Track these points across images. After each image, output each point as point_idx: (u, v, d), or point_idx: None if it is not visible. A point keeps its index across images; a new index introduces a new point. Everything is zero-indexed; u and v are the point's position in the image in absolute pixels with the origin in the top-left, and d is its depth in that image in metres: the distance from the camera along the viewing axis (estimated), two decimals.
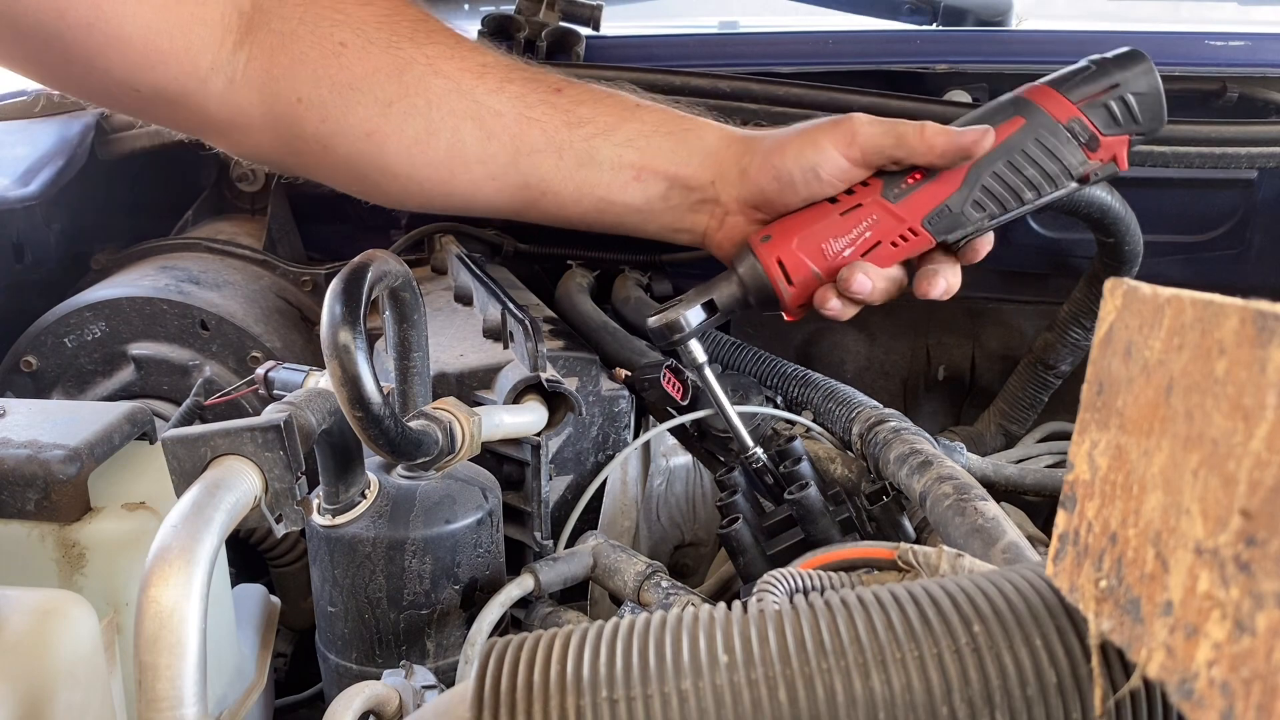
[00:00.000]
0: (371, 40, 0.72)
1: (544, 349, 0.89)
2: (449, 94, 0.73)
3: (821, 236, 0.74)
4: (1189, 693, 0.27)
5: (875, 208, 0.74)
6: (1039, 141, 0.73)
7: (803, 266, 0.75)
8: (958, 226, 0.74)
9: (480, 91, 0.74)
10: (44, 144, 1.28)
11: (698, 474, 1.08)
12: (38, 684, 0.53)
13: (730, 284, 0.76)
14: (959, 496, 0.73)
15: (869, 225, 0.74)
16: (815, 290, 0.75)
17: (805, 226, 0.75)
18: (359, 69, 0.71)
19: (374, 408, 0.62)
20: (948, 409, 1.46)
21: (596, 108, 0.77)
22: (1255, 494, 0.25)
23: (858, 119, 0.74)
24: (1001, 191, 0.74)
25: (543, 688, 0.37)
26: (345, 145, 0.73)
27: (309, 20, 0.71)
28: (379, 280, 0.68)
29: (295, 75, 0.71)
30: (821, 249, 0.74)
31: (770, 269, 0.75)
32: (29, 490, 0.71)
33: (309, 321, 1.29)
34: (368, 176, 0.76)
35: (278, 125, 0.73)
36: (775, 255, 0.75)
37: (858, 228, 0.74)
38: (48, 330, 1.17)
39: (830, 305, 0.74)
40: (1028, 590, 0.37)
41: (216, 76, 0.70)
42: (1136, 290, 0.32)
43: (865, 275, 0.72)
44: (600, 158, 0.76)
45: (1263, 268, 1.33)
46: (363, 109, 0.72)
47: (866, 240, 0.74)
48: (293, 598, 1.16)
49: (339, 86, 0.71)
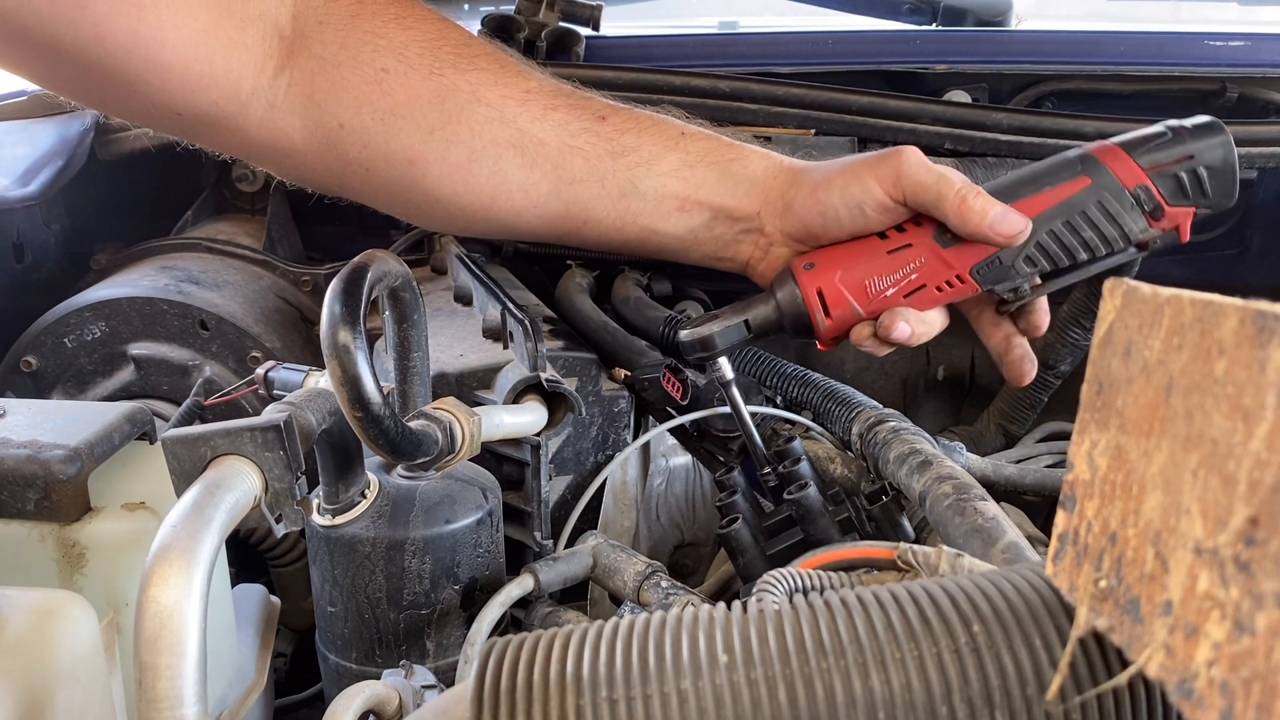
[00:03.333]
0: (413, 66, 0.71)
1: (544, 349, 0.89)
2: (491, 122, 0.73)
3: (866, 273, 0.73)
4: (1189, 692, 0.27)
5: (924, 251, 0.72)
6: (1101, 205, 0.71)
7: (843, 301, 0.73)
8: (1006, 279, 0.72)
9: (523, 119, 0.74)
10: (44, 144, 1.28)
11: (698, 474, 1.08)
12: (38, 684, 0.53)
13: (767, 307, 0.75)
14: (959, 496, 0.73)
15: (916, 268, 0.72)
16: (853, 326, 0.74)
17: (850, 260, 0.73)
18: (401, 95, 0.71)
19: (374, 408, 0.62)
20: (948, 409, 1.46)
21: (641, 136, 0.76)
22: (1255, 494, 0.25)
23: (907, 158, 0.72)
24: (1056, 250, 0.72)
25: (542, 687, 0.37)
26: (387, 171, 0.73)
27: (350, 46, 0.71)
28: (379, 280, 0.68)
29: (337, 101, 0.71)
30: (865, 285, 0.73)
31: (809, 299, 0.73)
32: (29, 490, 0.71)
33: (309, 321, 1.30)
34: (411, 201, 0.76)
35: (320, 150, 0.73)
36: (816, 285, 0.73)
37: (904, 269, 0.72)
38: (48, 330, 1.17)
39: (866, 344, 0.73)
40: (1027, 590, 0.37)
41: (257, 101, 0.70)
42: (1136, 290, 0.32)
43: (906, 323, 0.71)
44: (643, 188, 0.76)
45: (1262, 268, 1.33)
46: (405, 136, 0.72)
47: (912, 282, 0.72)
48: (293, 598, 1.16)
49: (381, 113, 0.71)
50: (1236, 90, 1.26)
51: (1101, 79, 1.29)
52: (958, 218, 0.70)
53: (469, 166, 0.73)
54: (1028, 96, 1.30)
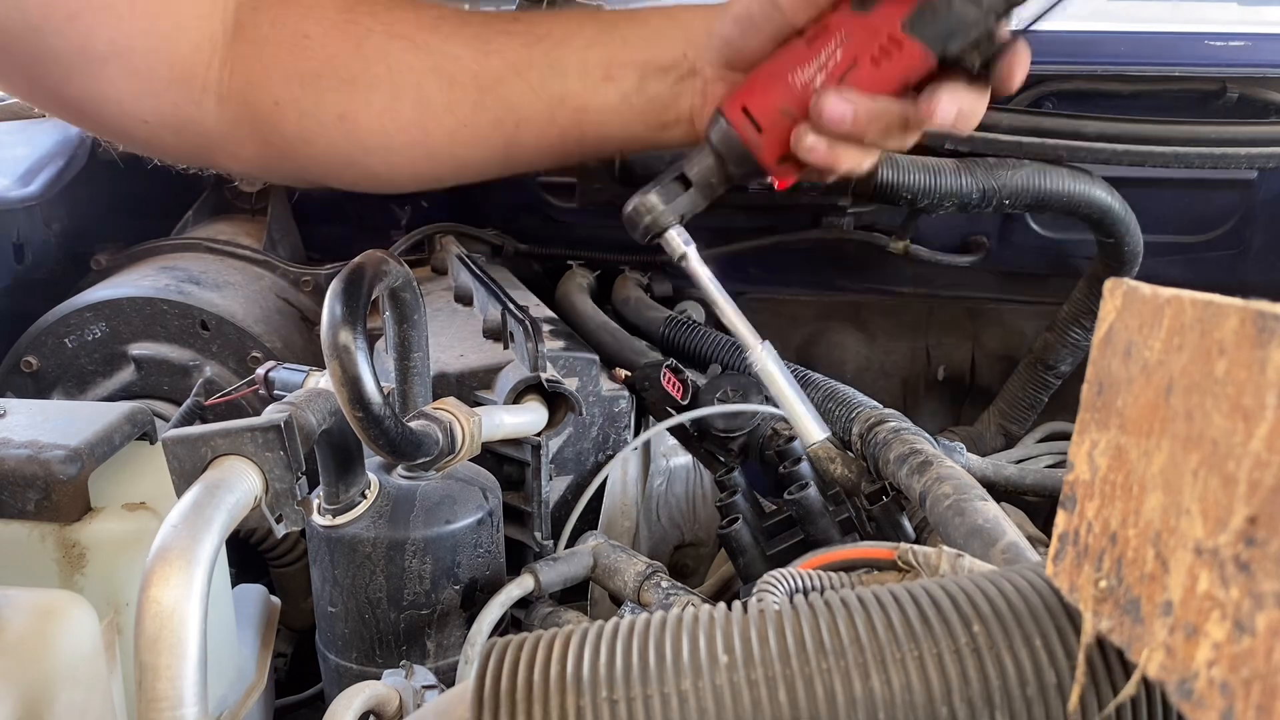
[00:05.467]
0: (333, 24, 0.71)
1: (544, 349, 0.89)
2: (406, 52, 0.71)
3: (787, 69, 0.65)
4: (1189, 693, 0.27)
5: (843, 24, 0.63)
6: None
7: (770, 107, 0.65)
8: (954, 32, 0.60)
9: (436, 41, 0.72)
10: (44, 144, 1.28)
11: (698, 474, 1.08)
12: (38, 684, 0.53)
13: (702, 153, 0.69)
14: (959, 496, 0.73)
15: (838, 44, 0.63)
16: (790, 133, 0.65)
17: (771, 66, 0.66)
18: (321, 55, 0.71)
19: (374, 408, 0.62)
20: (948, 409, 1.46)
21: (555, 21, 0.73)
22: (1255, 494, 0.25)
23: None
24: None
25: (543, 688, 0.37)
26: (324, 135, 0.72)
27: (278, 22, 0.71)
28: (379, 280, 0.68)
29: (269, 78, 0.71)
30: (788, 82, 0.65)
31: (736, 120, 0.66)
32: (29, 490, 0.71)
33: (309, 321, 1.30)
34: (353, 161, 0.74)
35: (263, 133, 0.72)
36: (740, 104, 0.66)
37: (825, 49, 0.63)
38: (48, 330, 1.17)
39: (808, 144, 0.64)
40: (1027, 590, 0.37)
41: (208, 97, 0.70)
42: (1136, 290, 0.32)
43: (840, 99, 0.62)
44: (565, 66, 0.71)
45: (1263, 268, 1.33)
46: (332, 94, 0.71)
47: (839, 63, 0.63)
48: (293, 598, 1.16)
49: (307, 78, 0.71)
50: (1237, 90, 1.26)
51: (1102, 79, 1.29)
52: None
53: (393, 105, 0.72)
54: (1028, 96, 1.30)
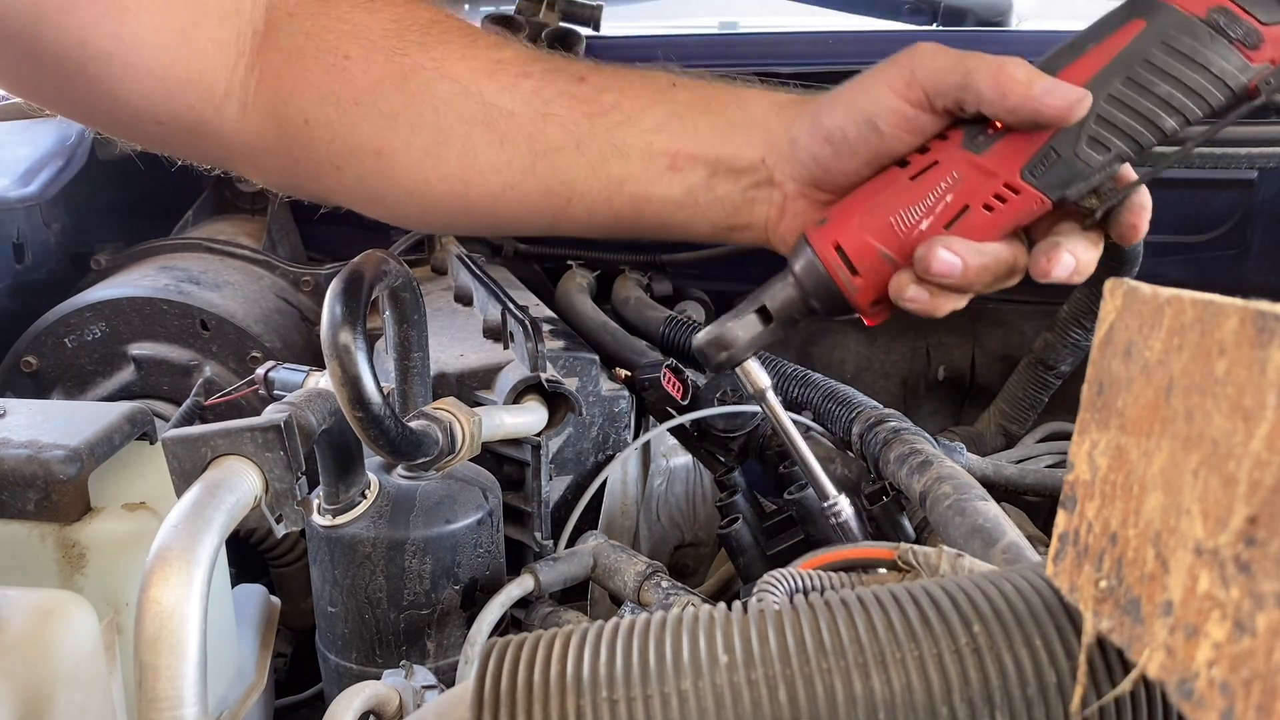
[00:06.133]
0: (376, 49, 0.66)
1: (544, 349, 0.89)
2: (456, 98, 0.66)
3: (889, 208, 0.59)
4: (1189, 693, 0.27)
5: (955, 163, 0.58)
6: (1168, 46, 0.54)
7: (868, 250, 0.59)
8: (1076, 177, 0.56)
9: (490, 91, 0.66)
10: (44, 144, 1.28)
11: (698, 474, 1.08)
12: (38, 684, 0.53)
13: (785, 285, 0.62)
14: (959, 496, 0.73)
15: (949, 186, 0.58)
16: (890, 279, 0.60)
17: (869, 200, 0.60)
18: (363, 81, 0.66)
19: (374, 408, 0.62)
20: (948, 409, 1.46)
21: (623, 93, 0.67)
22: (1255, 494, 0.25)
23: (921, 49, 0.58)
24: (1127, 121, 0.55)
25: (543, 688, 0.37)
26: (356, 166, 0.68)
27: (315, 34, 0.66)
28: (379, 280, 0.68)
29: (302, 94, 0.67)
30: (890, 224, 0.59)
31: (828, 258, 0.60)
32: (29, 490, 0.71)
33: (309, 321, 1.30)
34: (385, 198, 0.70)
35: (291, 149, 0.68)
36: (832, 240, 0.60)
37: (934, 191, 0.58)
38: (48, 330, 1.17)
39: (910, 295, 0.59)
40: (1028, 590, 0.37)
41: (230, 102, 0.67)
42: (1136, 290, 0.32)
43: (949, 251, 0.57)
44: (627, 148, 0.66)
45: (1263, 268, 1.33)
46: (368, 124, 0.67)
47: (949, 206, 0.58)
48: (293, 598, 1.16)
49: (343, 103, 0.66)
50: None
51: None
52: (995, 90, 0.56)
53: (436, 151, 0.67)
54: None
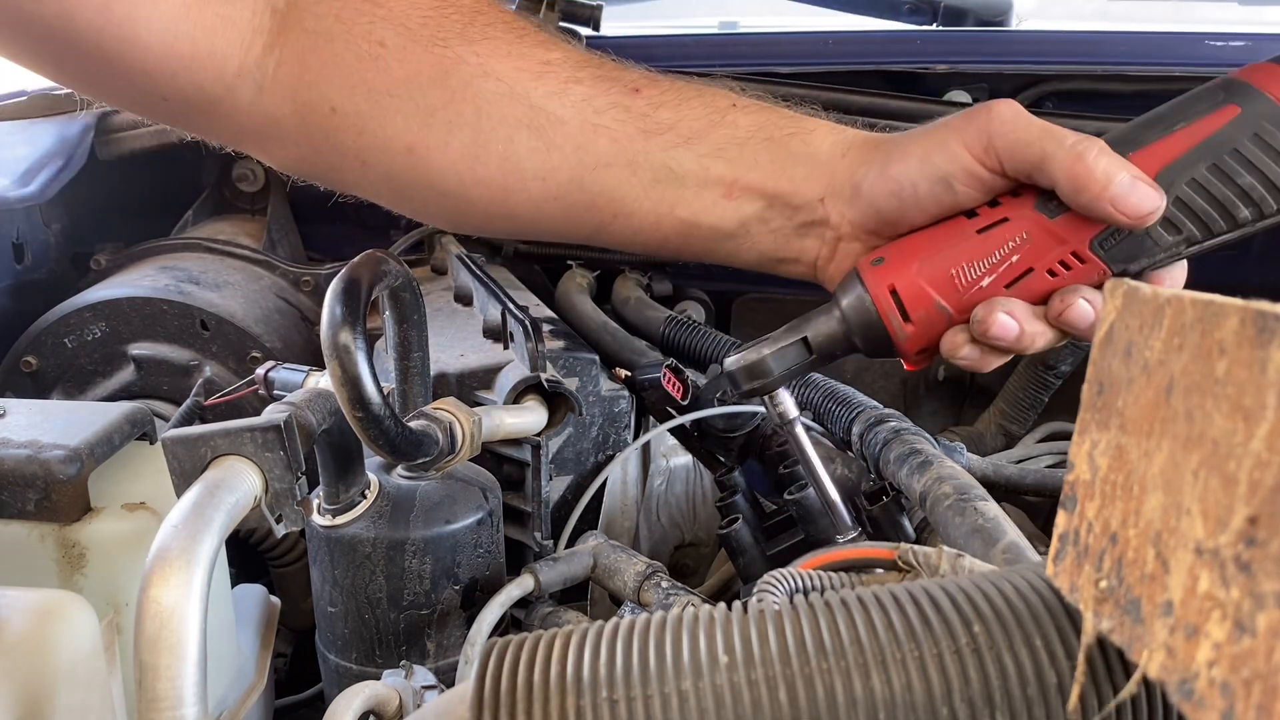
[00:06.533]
0: (414, 38, 0.62)
1: (544, 349, 0.89)
2: (501, 99, 0.62)
3: (952, 260, 0.57)
4: (1189, 693, 0.27)
5: (1025, 224, 0.56)
6: (1260, 138, 0.53)
7: (925, 299, 0.57)
8: (1141, 253, 0.55)
9: (538, 95, 0.63)
10: (44, 144, 1.28)
11: (698, 474, 1.08)
12: (38, 684, 0.53)
13: (830, 318, 0.60)
14: (959, 496, 0.73)
15: (1016, 246, 0.56)
16: (942, 332, 0.58)
17: (931, 247, 0.58)
18: (398, 72, 0.62)
19: (374, 408, 0.62)
20: (948, 409, 1.46)
21: (681, 110, 0.64)
22: (1255, 494, 0.25)
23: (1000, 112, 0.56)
24: (1205, 207, 0.54)
25: (543, 688, 0.37)
26: (385, 162, 0.64)
27: (345, 18, 0.62)
28: (379, 280, 0.68)
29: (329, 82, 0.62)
30: (951, 276, 0.57)
31: (881, 300, 0.58)
32: (29, 490, 0.71)
33: (309, 321, 1.30)
34: (415, 196, 0.66)
35: (313, 137, 0.64)
36: (889, 283, 0.58)
37: (1000, 249, 0.56)
38: (48, 330, 1.17)
39: (963, 354, 0.57)
40: (1028, 591, 0.37)
41: (245, 83, 0.62)
42: (1137, 290, 0.32)
43: (1009, 314, 0.55)
44: (682, 171, 0.63)
45: (1263, 268, 1.33)
46: (402, 119, 0.63)
47: (1013, 267, 0.56)
48: (293, 598, 1.16)
49: (376, 93, 0.62)
50: None
51: (1102, 79, 1.29)
52: (1070, 183, 0.54)
53: (476, 153, 0.63)
54: (1028, 96, 1.30)
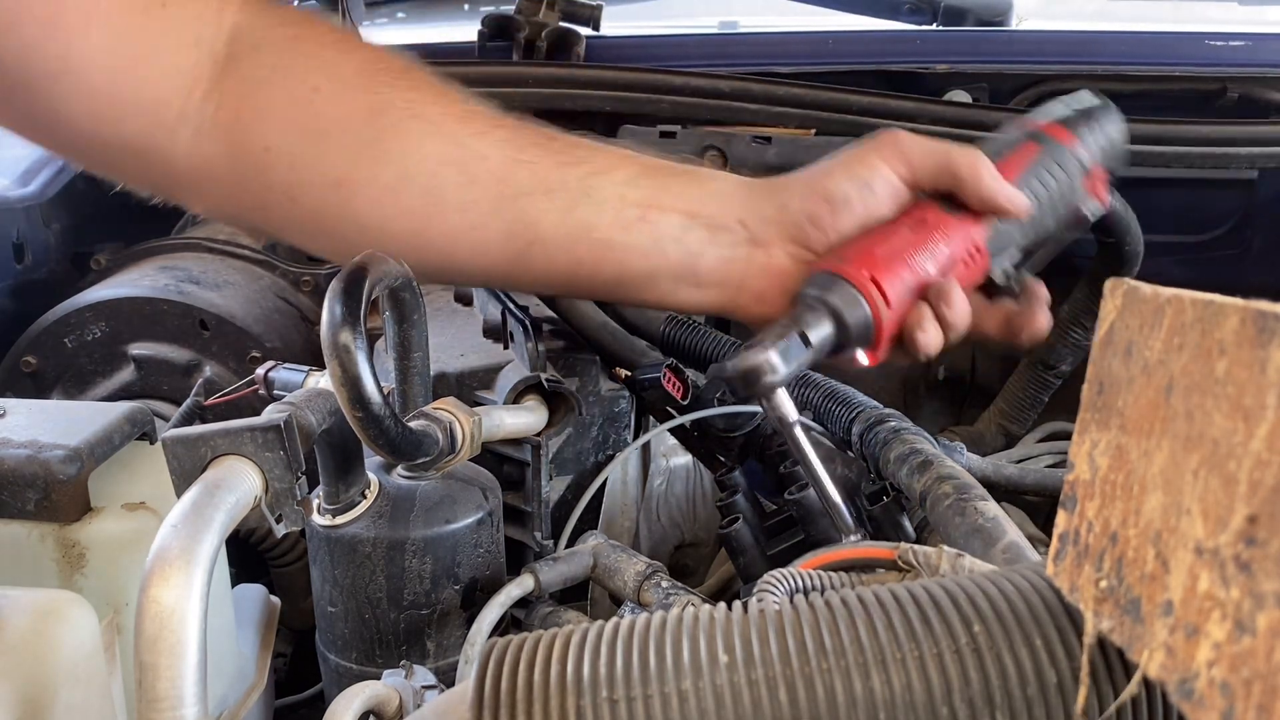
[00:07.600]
0: (347, 85, 0.67)
1: (544, 349, 0.89)
2: (428, 136, 0.67)
3: (902, 251, 0.64)
4: (1189, 693, 0.27)
5: (939, 221, 0.66)
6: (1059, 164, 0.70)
7: (899, 287, 0.63)
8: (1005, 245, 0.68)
9: (464, 135, 0.67)
10: None
11: (698, 474, 1.08)
12: (38, 684, 0.53)
13: (817, 314, 0.63)
14: (959, 496, 0.73)
15: (941, 238, 0.65)
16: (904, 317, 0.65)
17: (883, 243, 0.65)
18: (332, 113, 0.66)
19: (374, 408, 0.62)
20: (948, 409, 1.46)
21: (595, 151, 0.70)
22: (1255, 494, 0.25)
23: (902, 136, 0.67)
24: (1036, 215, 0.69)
25: (543, 688, 0.37)
26: (313, 195, 0.68)
27: (281, 66, 0.67)
28: (379, 280, 0.68)
29: (264, 122, 0.66)
30: (909, 264, 0.64)
31: (867, 290, 0.62)
32: (29, 490, 0.71)
33: (309, 321, 1.30)
34: (336, 230, 0.70)
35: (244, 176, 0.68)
36: (867, 274, 0.63)
37: (931, 241, 0.65)
38: (48, 330, 1.17)
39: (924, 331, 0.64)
40: (1028, 590, 0.37)
41: (184, 127, 0.66)
42: (1137, 290, 0.32)
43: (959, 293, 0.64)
44: (599, 196, 0.67)
45: (1263, 268, 1.33)
46: (334, 155, 0.67)
47: (945, 257, 0.65)
48: (293, 598, 1.16)
49: (310, 133, 0.66)
50: (1237, 90, 1.26)
51: (1102, 79, 1.29)
52: (974, 191, 0.65)
53: (400, 186, 0.67)
54: (1028, 96, 1.30)
